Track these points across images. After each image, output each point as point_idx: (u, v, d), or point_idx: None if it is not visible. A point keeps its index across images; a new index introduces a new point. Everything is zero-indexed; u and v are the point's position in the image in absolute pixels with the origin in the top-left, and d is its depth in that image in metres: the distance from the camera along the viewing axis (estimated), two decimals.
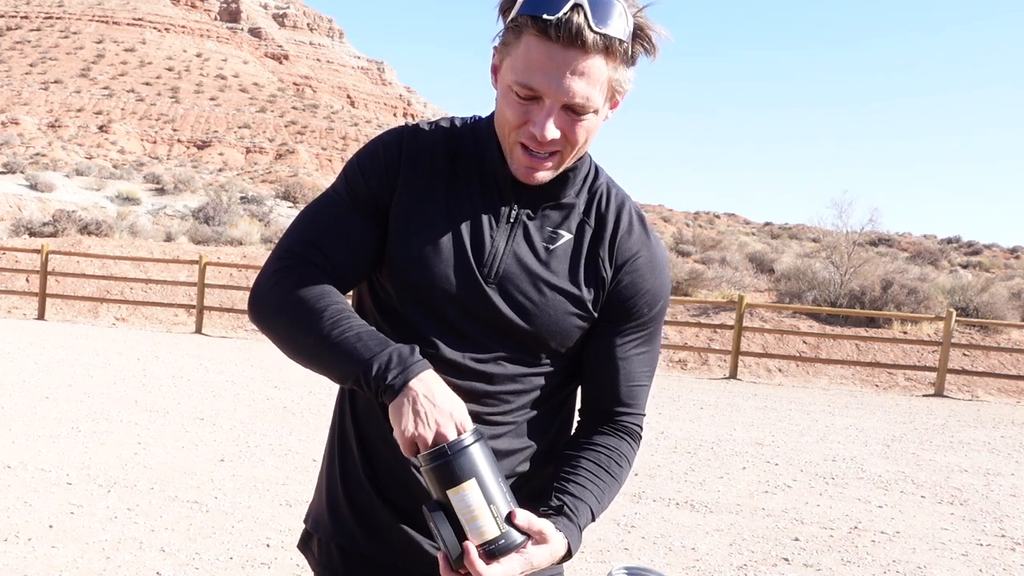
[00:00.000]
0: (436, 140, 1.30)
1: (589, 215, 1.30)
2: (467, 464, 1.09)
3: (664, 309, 1.35)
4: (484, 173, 1.28)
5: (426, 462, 1.11)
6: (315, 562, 1.39)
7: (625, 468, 1.32)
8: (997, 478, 6.87)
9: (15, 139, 78.23)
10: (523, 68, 1.14)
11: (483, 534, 1.09)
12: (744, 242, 37.84)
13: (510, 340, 1.26)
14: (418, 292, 1.25)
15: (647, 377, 1.35)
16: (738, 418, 9.02)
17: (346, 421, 1.35)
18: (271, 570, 3.98)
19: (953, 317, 12.40)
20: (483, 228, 1.26)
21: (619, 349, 1.31)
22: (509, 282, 1.25)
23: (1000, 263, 41.14)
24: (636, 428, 1.34)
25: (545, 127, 1.15)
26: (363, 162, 1.30)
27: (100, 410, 7.20)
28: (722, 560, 4.51)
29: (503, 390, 1.28)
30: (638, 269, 1.30)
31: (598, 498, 1.25)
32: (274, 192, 48.15)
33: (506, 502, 1.11)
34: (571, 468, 1.27)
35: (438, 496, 1.11)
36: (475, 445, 1.11)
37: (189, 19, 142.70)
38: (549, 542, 1.13)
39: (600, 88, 1.16)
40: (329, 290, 1.23)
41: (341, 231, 1.27)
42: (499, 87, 1.21)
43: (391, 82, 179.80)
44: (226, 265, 14.68)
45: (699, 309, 15.89)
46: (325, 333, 1.19)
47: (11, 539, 4.12)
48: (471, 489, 1.09)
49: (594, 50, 1.12)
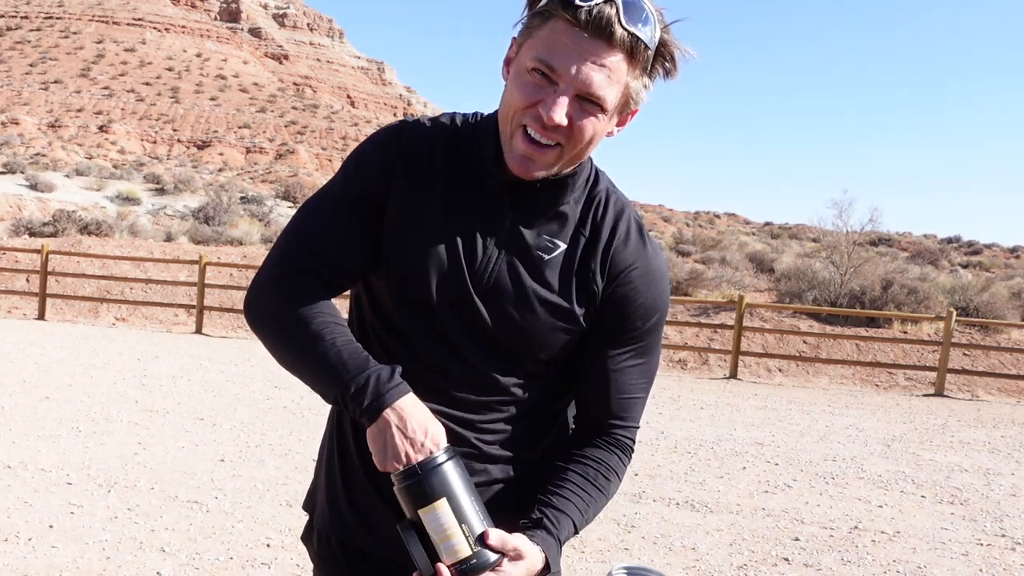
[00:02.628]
0: (435, 139, 1.28)
1: (584, 224, 1.27)
2: (438, 483, 1.09)
3: (660, 323, 1.31)
4: (483, 177, 1.25)
5: (398, 481, 1.11)
6: (315, 554, 1.40)
7: (613, 482, 1.30)
8: (997, 478, 6.87)
9: (15, 139, 78.15)
10: (545, 48, 1.12)
11: (455, 553, 1.08)
12: (744, 242, 37.81)
13: (498, 350, 1.25)
14: (409, 297, 1.24)
15: (641, 389, 1.32)
16: (738, 418, 9.02)
17: (344, 419, 1.35)
18: (271, 570, 3.98)
19: (953, 317, 12.40)
20: (477, 235, 1.24)
21: (611, 361, 1.28)
22: (499, 292, 1.23)
23: (1000, 263, 41.14)
24: (627, 441, 1.32)
25: (554, 108, 1.12)
26: (359, 160, 1.28)
27: (100, 410, 7.20)
28: (722, 560, 4.50)
29: (494, 399, 1.26)
30: (632, 281, 1.26)
31: (582, 511, 1.24)
32: (274, 192, 48.17)
33: (480, 521, 1.10)
34: (558, 480, 1.25)
35: (411, 516, 1.10)
36: (447, 464, 1.10)
37: (189, 19, 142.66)
38: (525, 558, 1.12)
39: (617, 88, 1.14)
40: (319, 304, 1.23)
41: (337, 231, 1.26)
42: (512, 71, 1.19)
43: (391, 82, 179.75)
44: (226, 265, 14.68)
45: (699, 309, 15.88)
46: (308, 349, 1.19)
47: (11, 539, 4.12)
48: (442, 509, 1.08)
49: (619, 46, 1.11)
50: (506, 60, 1.21)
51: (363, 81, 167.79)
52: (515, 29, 1.20)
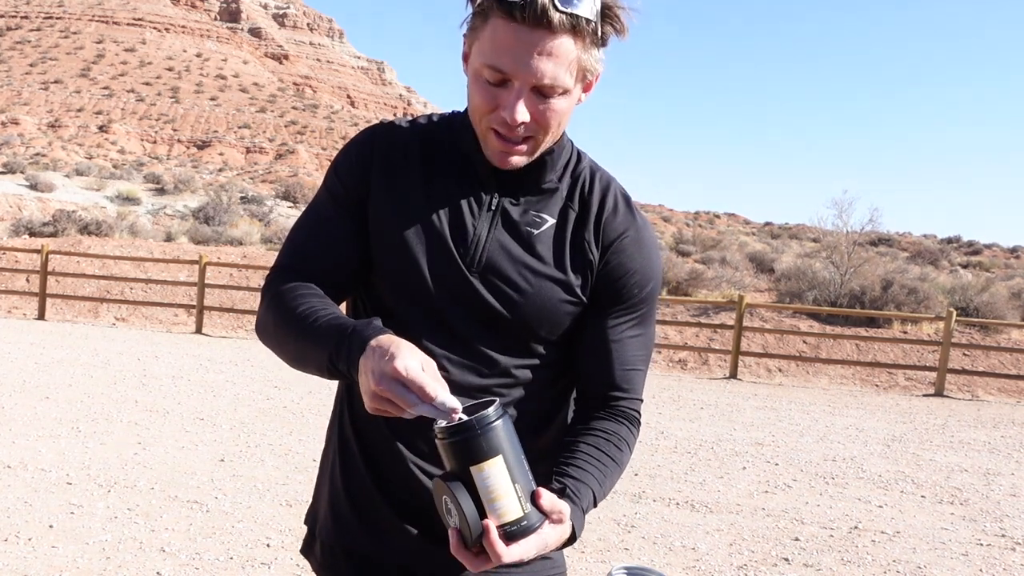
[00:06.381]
0: (411, 135, 1.30)
1: (572, 199, 1.29)
2: (494, 440, 1.02)
3: (656, 290, 1.32)
4: (462, 164, 1.27)
5: (448, 435, 1.02)
6: (318, 565, 1.38)
7: (625, 452, 1.28)
8: (997, 478, 6.87)
9: (15, 139, 78.21)
10: (490, 51, 1.13)
11: (504, 514, 1.02)
12: (744, 242, 37.82)
13: (498, 330, 1.25)
14: (402, 286, 1.25)
15: (642, 361, 1.32)
16: (738, 418, 9.02)
17: (345, 422, 1.35)
18: (271, 570, 3.98)
19: (953, 317, 12.40)
20: (464, 216, 1.25)
21: (611, 332, 1.28)
22: (493, 270, 1.23)
23: (1000, 263, 41.13)
24: (634, 413, 1.31)
25: (515, 110, 1.14)
26: (339, 163, 1.31)
27: (100, 410, 7.20)
28: (722, 560, 4.50)
29: (495, 383, 1.26)
30: (625, 249, 1.27)
31: (599, 481, 1.21)
32: (274, 192, 48.17)
33: (529, 481, 1.05)
34: (570, 452, 1.23)
35: (457, 471, 1.03)
36: (502, 419, 1.04)
37: (189, 19, 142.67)
38: (564, 523, 1.09)
39: (569, 69, 1.14)
40: (303, 291, 1.23)
41: (324, 234, 1.28)
42: (469, 73, 1.20)
43: (391, 82, 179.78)
44: (226, 265, 14.67)
45: (699, 309, 15.88)
46: (297, 329, 1.18)
47: (11, 539, 4.12)
48: (497, 467, 1.02)
49: (561, 30, 1.11)
50: (463, 56, 1.23)
51: (363, 81, 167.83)
52: (462, 28, 1.21)
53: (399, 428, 1.25)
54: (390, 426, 1.26)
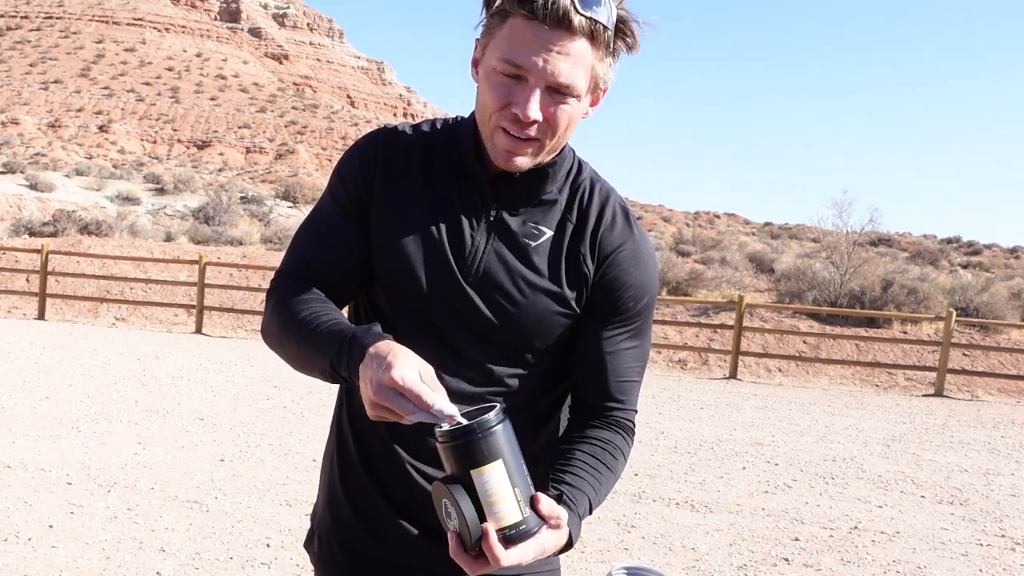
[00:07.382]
0: (414, 142, 1.30)
1: (571, 211, 1.29)
2: (495, 444, 1.03)
3: (651, 304, 1.32)
4: (463, 173, 1.27)
5: (449, 439, 1.03)
6: (317, 559, 1.41)
7: (620, 461, 1.29)
8: (997, 478, 6.87)
9: (15, 139, 78.23)
10: (508, 47, 1.14)
11: (503, 518, 1.03)
12: (744, 242, 37.81)
13: (493, 340, 1.26)
14: (400, 294, 1.26)
15: (637, 373, 1.33)
16: (738, 418, 9.02)
17: (344, 420, 1.36)
18: (271, 570, 3.98)
19: (953, 317, 12.40)
20: (462, 227, 1.26)
21: (607, 343, 1.29)
22: (490, 281, 1.24)
23: (1000, 263, 41.10)
24: (628, 423, 1.32)
25: (528, 106, 1.14)
26: (342, 168, 1.32)
27: (100, 410, 7.20)
28: (722, 560, 4.51)
29: (489, 391, 1.27)
30: (621, 263, 1.28)
31: (595, 489, 1.23)
32: (274, 192, 48.20)
33: (528, 486, 1.06)
34: (566, 460, 1.24)
35: (458, 474, 1.04)
36: (503, 424, 1.05)
37: (189, 19, 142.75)
38: (561, 528, 1.10)
39: (584, 73, 1.16)
40: (306, 296, 1.24)
41: (328, 241, 1.29)
42: (481, 73, 1.20)
43: (391, 82, 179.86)
44: (226, 265, 14.68)
45: (699, 309, 15.88)
46: (299, 333, 1.20)
47: (11, 539, 4.12)
48: (497, 471, 1.03)
49: (580, 33, 1.13)
50: (473, 61, 1.23)
51: (363, 81, 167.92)
52: (476, 31, 1.21)
53: (397, 430, 1.25)
54: (388, 428, 1.27)
